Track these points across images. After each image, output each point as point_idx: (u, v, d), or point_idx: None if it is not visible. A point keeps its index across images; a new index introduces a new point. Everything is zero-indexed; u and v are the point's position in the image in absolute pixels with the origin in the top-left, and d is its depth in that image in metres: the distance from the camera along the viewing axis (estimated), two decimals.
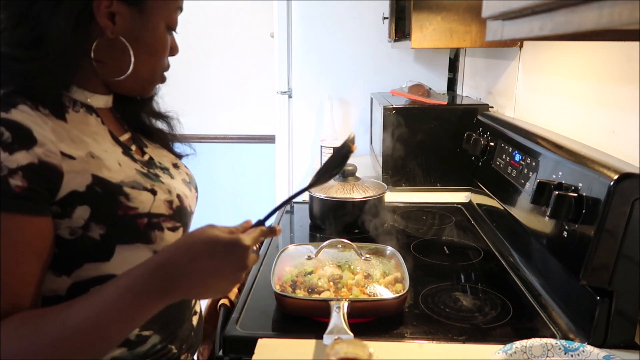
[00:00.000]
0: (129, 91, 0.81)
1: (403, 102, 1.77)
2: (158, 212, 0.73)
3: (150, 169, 0.79)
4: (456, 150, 1.67)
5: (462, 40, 1.56)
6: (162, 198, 0.75)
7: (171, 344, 0.82)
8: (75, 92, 0.74)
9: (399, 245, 1.22)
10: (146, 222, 0.72)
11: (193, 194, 0.88)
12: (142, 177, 0.75)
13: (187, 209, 0.81)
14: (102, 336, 0.62)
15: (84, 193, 0.66)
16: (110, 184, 0.69)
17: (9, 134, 0.61)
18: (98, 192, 0.67)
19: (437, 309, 0.98)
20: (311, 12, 2.37)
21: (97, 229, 0.68)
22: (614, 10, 0.39)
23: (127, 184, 0.71)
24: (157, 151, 0.88)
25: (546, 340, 0.79)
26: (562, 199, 0.86)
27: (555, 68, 1.29)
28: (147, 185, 0.74)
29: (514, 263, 1.18)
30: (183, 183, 0.85)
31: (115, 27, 0.71)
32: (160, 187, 0.76)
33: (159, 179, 0.78)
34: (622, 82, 0.99)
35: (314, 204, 1.43)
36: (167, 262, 0.63)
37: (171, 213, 0.76)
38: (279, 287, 0.99)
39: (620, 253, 0.81)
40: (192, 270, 0.63)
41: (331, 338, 0.76)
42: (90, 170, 0.68)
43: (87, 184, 0.67)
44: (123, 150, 0.77)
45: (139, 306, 0.62)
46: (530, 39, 0.63)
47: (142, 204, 0.72)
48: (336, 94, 2.38)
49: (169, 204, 0.76)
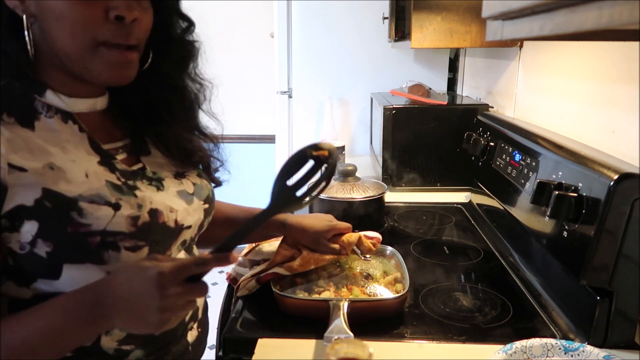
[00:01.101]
0: (86, 77, 0.69)
1: (403, 102, 1.77)
2: (115, 229, 0.67)
3: (129, 179, 0.72)
4: (456, 150, 1.67)
5: (462, 40, 1.56)
6: (124, 214, 0.68)
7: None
8: (49, 96, 0.69)
9: (399, 245, 1.22)
10: (99, 241, 0.66)
11: (194, 206, 0.80)
12: (110, 189, 0.68)
13: (163, 225, 0.72)
14: (32, 354, 0.61)
15: (32, 208, 0.62)
16: (63, 198, 0.64)
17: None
18: (47, 207, 0.63)
19: (437, 309, 0.98)
20: (311, 12, 2.37)
21: (44, 246, 0.64)
22: (614, 10, 0.39)
23: (85, 197, 0.65)
24: (159, 161, 0.80)
25: (546, 340, 0.79)
26: (562, 199, 0.86)
27: (555, 68, 1.29)
28: (110, 199, 0.67)
29: (514, 263, 1.18)
30: (177, 196, 0.77)
31: (24, 3, 0.64)
32: (128, 202, 0.69)
33: (132, 191, 0.70)
34: (622, 82, 0.99)
35: (314, 204, 1.43)
36: (99, 287, 0.63)
37: (132, 231, 0.68)
38: (279, 287, 0.99)
39: (620, 253, 0.81)
40: (116, 298, 0.61)
41: (331, 338, 0.76)
42: (43, 183, 0.64)
43: (36, 198, 0.63)
44: (100, 159, 0.71)
45: (69, 329, 0.62)
46: (530, 39, 0.63)
47: (97, 221, 0.65)
48: (336, 94, 2.38)
49: (132, 220, 0.68)
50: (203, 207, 0.83)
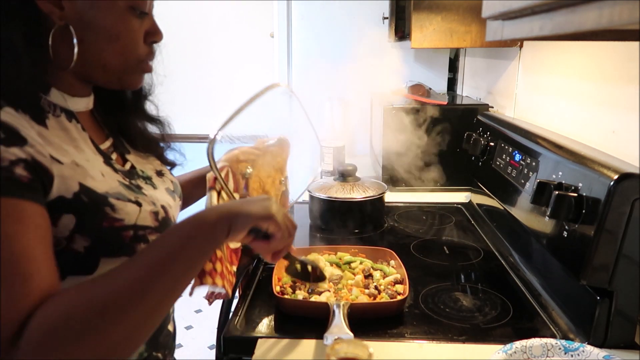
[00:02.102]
0: (107, 85, 0.75)
1: (403, 102, 1.77)
2: (144, 224, 0.70)
3: (131, 179, 0.76)
4: (456, 150, 1.67)
5: (462, 40, 1.56)
6: (147, 209, 0.72)
7: (156, 352, 0.81)
8: (54, 95, 0.70)
9: (399, 245, 1.22)
10: (132, 235, 0.69)
11: (177, 203, 0.85)
12: (125, 189, 0.71)
13: (172, 219, 0.78)
14: (172, 262, 0.60)
15: (71, 200, 0.63)
16: (95, 194, 0.65)
17: (0, 132, 0.58)
18: (84, 202, 0.64)
19: (437, 309, 0.98)
20: (311, 12, 2.37)
21: (82, 241, 0.64)
22: (614, 10, 0.39)
23: (112, 195, 0.68)
24: (139, 158, 0.84)
25: (546, 340, 0.79)
26: (562, 199, 0.86)
27: (555, 68, 1.29)
28: (131, 197, 0.70)
29: (514, 263, 1.18)
30: (167, 192, 0.82)
31: (64, 12, 0.66)
32: (144, 199, 0.73)
33: (141, 190, 0.75)
34: (622, 82, 0.99)
35: (314, 204, 1.43)
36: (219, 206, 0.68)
37: (157, 225, 0.72)
38: (279, 288, 0.99)
39: (620, 253, 0.81)
40: (237, 205, 0.67)
41: (331, 338, 0.76)
42: (77, 177, 0.64)
43: (75, 191, 0.63)
44: (104, 160, 0.74)
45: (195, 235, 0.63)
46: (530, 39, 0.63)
47: (128, 216, 0.68)
48: (336, 94, 2.38)
49: (154, 215, 0.73)
50: (179, 204, 0.88)
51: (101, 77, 0.73)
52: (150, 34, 0.73)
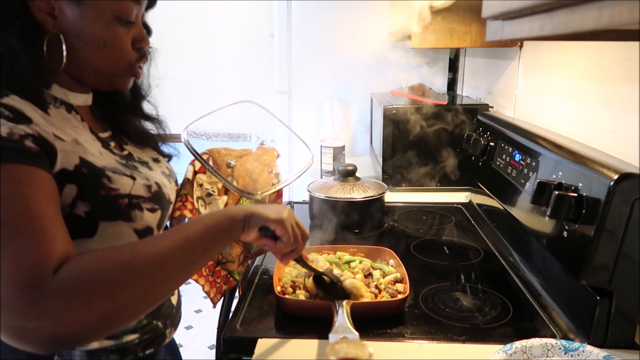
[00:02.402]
0: (98, 86, 0.83)
1: (403, 102, 1.77)
2: (137, 194, 0.78)
3: (128, 161, 0.83)
4: (456, 150, 1.67)
5: (462, 40, 1.56)
6: (141, 183, 0.80)
7: (156, 320, 0.86)
8: (55, 89, 0.77)
9: (399, 245, 1.22)
10: (127, 202, 0.76)
11: (172, 186, 0.92)
12: (121, 166, 0.79)
13: (166, 196, 0.85)
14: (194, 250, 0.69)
15: (73, 172, 0.70)
16: (94, 167, 0.73)
17: (8, 112, 0.65)
18: (84, 173, 0.72)
19: (437, 309, 0.98)
20: (311, 12, 2.37)
21: (83, 207, 0.71)
22: (614, 10, 0.39)
23: (109, 168, 0.76)
24: (136, 148, 0.91)
25: (546, 340, 0.79)
26: (562, 199, 0.86)
27: (555, 68, 1.29)
28: (126, 172, 0.78)
29: (514, 263, 1.18)
30: (162, 175, 0.89)
31: (57, 21, 0.73)
32: (139, 175, 0.81)
33: (137, 169, 0.83)
34: (622, 82, 0.99)
35: (314, 204, 1.43)
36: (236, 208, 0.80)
37: (149, 196, 0.80)
38: (280, 288, 0.99)
39: (620, 253, 0.81)
40: (254, 208, 0.78)
41: (336, 337, 0.76)
42: (78, 152, 0.72)
43: (76, 164, 0.71)
44: (102, 144, 0.81)
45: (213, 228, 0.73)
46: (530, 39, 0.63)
47: (122, 186, 0.76)
48: (336, 94, 2.38)
49: (147, 188, 0.80)
50: (174, 188, 0.95)
51: (92, 79, 0.80)
52: (137, 41, 0.81)
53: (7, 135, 0.62)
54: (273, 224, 0.77)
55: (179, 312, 0.97)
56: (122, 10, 0.76)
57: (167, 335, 0.90)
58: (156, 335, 0.87)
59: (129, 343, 0.82)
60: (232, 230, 0.74)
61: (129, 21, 0.78)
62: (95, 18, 0.74)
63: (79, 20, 0.74)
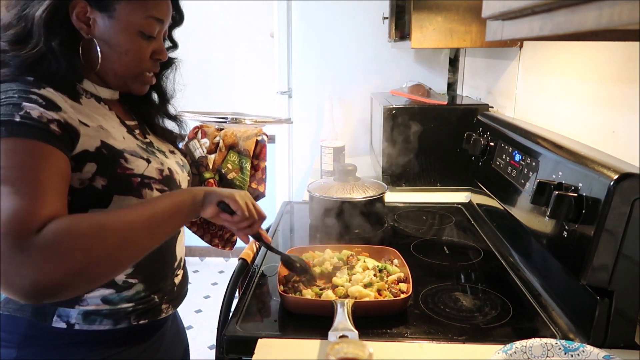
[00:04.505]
0: (118, 88, 0.95)
1: (403, 102, 1.77)
2: (150, 175, 0.89)
3: (148, 147, 0.94)
4: (456, 150, 1.67)
5: (462, 40, 1.56)
6: (154, 166, 0.90)
7: (154, 294, 0.93)
8: (86, 84, 0.90)
9: (399, 245, 1.22)
10: (139, 181, 0.87)
11: (185, 175, 1.02)
12: (141, 150, 0.91)
13: (176, 181, 0.95)
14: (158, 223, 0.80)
15: (93, 153, 0.82)
16: (114, 149, 0.85)
17: (42, 100, 0.77)
18: (104, 153, 0.83)
19: (437, 309, 0.98)
20: (311, 12, 2.37)
21: (100, 181, 0.82)
22: (614, 10, 0.39)
23: (127, 151, 0.87)
24: (157, 139, 1.02)
25: (546, 340, 0.79)
26: (562, 199, 0.86)
27: (555, 68, 1.29)
28: (143, 155, 0.90)
29: (514, 263, 1.18)
30: (176, 164, 1.00)
31: (90, 29, 0.86)
32: (154, 159, 0.92)
33: (154, 154, 0.94)
34: (622, 82, 0.99)
35: (314, 204, 1.43)
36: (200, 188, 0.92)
37: (160, 178, 0.91)
38: (283, 287, 0.99)
39: (620, 253, 0.81)
40: (215, 190, 0.92)
41: (336, 335, 0.76)
42: (100, 137, 0.84)
43: (97, 146, 0.83)
44: (127, 130, 0.93)
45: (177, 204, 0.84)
46: (530, 39, 0.63)
47: (137, 167, 0.87)
48: (336, 94, 2.38)
49: (159, 171, 0.91)
50: (187, 178, 1.04)
51: (113, 81, 0.92)
52: (155, 53, 0.93)
53: (37, 117, 0.74)
54: (227, 199, 0.90)
55: (182, 294, 1.03)
56: (145, 27, 0.88)
57: (162, 311, 0.95)
58: (150, 307, 0.93)
59: (123, 310, 0.89)
60: (194, 205, 0.87)
61: (151, 36, 0.90)
62: (122, 31, 0.87)
63: (108, 31, 0.87)
